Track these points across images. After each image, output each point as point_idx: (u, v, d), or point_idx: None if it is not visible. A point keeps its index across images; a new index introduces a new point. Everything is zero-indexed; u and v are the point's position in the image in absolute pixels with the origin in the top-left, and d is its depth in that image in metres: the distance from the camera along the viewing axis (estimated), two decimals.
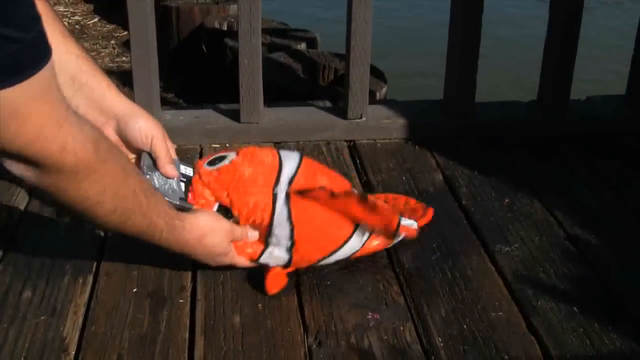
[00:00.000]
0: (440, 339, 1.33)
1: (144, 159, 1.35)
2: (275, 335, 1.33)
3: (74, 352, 1.29)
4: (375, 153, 2.03)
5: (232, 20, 3.96)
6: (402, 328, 1.36)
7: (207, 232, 1.35)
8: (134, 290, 1.44)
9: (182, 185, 1.39)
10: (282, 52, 3.36)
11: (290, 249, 1.41)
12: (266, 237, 1.40)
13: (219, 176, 1.39)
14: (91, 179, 1.09)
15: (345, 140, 2.10)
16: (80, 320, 1.36)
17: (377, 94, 2.95)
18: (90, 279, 1.48)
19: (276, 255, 1.42)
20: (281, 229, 1.39)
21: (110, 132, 1.33)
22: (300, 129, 2.11)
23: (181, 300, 1.42)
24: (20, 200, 1.74)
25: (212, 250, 1.37)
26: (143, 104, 2.00)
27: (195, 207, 1.37)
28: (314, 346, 1.31)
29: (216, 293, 1.43)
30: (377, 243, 1.51)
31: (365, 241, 1.48)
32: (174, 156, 1.40)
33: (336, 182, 1.48)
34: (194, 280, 1.47)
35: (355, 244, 1.47)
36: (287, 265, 1.44)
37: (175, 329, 1.34)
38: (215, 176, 1.39)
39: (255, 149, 1.45)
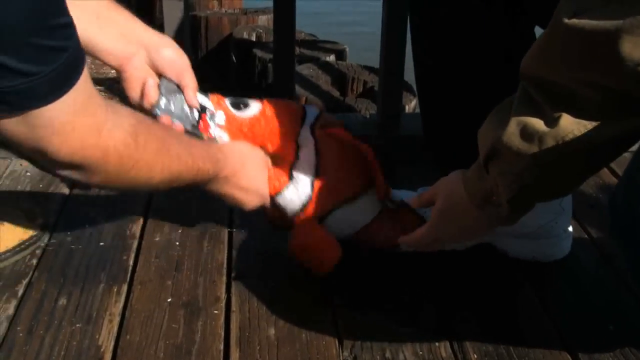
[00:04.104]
0: (475, 355, 1.32)
1: (163, 83, 1.35)
2: (310, 349, 1.33)
3: None
4: (407, 165, 2.02)
5: (261, 30, 3.97)
6: (437, 344, 1.35)
7: (248, 155, 1.40)
8: (169, 300, 1.44)
9: (196, 113, 1.39)
10: (311, 64, 3.37)
11: (312, 183, 1.43)
12: (290, 169, 1.43)
13: (251, 127, 1.41)
14: (137, 166, 1.14)
15: (377, 152, 2.09)
16: (115, 329, 1.37)
17: (407, 107, 2.95)
18: (125, 288, 1.48)
19: (299, 190, 1.43)
20: (306, 158, 1.42)
21: (140, 61, 1.33)
22: None
23: (216, 311, 1.41)
24: (55, 208, 1.75)
25: (254, 175, 1.41)
26: None
27: (205, 135, 1.39)
28: None
29: (251, 305, 1.43)
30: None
31: (375, 218, 1.49)
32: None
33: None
34: (228, 291, 1.47)
35: (367, 207, 1.48)
36: (304, 205, 1.44)
37: (210, 340, 1.34)
38: (247, 126, 1.41)
39: (279, 101, 1.47)
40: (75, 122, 1.00)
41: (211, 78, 4.07)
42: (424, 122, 1.62)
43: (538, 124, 0.99)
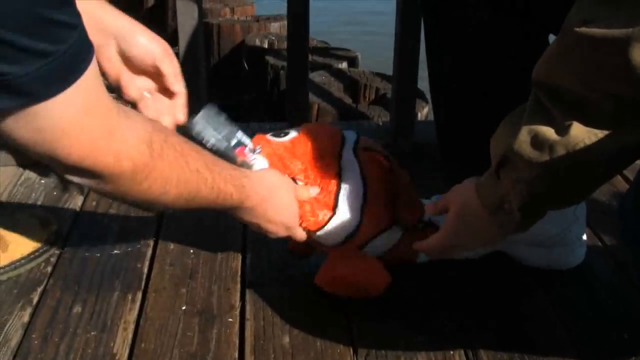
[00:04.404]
0: None
1: (205, 107, 1.33)
2: (325, 357, 1.33)
3: None
4: (421, 172, 2.02)
5: (273, 38, 3.98)
6: (451, 352, 1.35)
7: (277, 185, 1.34)
8: (183, 308, 1.45)
9: (235, 140, 1.35)
10: (323, 71, 3.37)
11: (361, 209, 1.39)
12: (335, 199, 1.38)
13: (292, 147, 1.39)
14: (151, 177, 1.07)
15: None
16: (130, 336, 1.37)
17: (419, 114, 2.95)
18: (139, 295, 1.48)
19: (346, 222, 1.39)
20: (352, 186, 1.38)
21: (112, 53, 1.25)
22: None
23: (230, 319, 1.42)
24: (69, 215, 1.75)
25: (281, 207, 1.35)
26: None
27: (239, 158, 1.34)
28: None
29: (265, 313, 1.43)
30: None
31: (401, 237, 1.47)
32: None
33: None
34: (242, 299, 1.47)
35: (398, 230, 1.46)
36: (349, 237, 1.41)
37: (225, 348, 1.35)
38: (288, 147, 1.39)
39: (316, 123, 1.45)
40: (84, 122, 0.93)
41: (223, 85, 4.09)
42: (437, 127, 1.62)
43: (549, 132, 0.99)
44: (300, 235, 1.41)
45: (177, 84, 1.30)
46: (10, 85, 0.82)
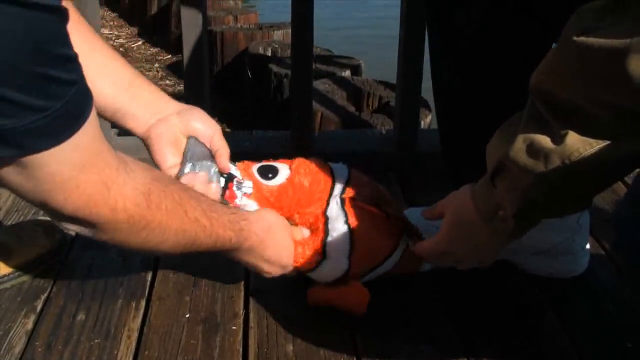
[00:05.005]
0: None
1: (190, 147, 1.34)
2: None
3: None
4: (425, 181, 2.02)
5: (276, 45, 3.99)
6: None
7: (273, 224, 1.35)
8: (187, 315, 1.45)
9: (223, 181, 1.37)
10: (327, 79, 3.37)
11: (349, 256, 1.39)
12: (322, 245, 1.38)
13: (278, 196, 1.40)
14: (149, 227, 1.09)
15: (395, 168, 2.10)
16: (134, 344, 1.37)
17: (422, 123, 2.95)
18: (143, 303, 1.48)
19: (334, 265, 1.40)
20: (339, 234, 1.38)
21: (164, 127, 1.32)
22: (353, 154, 2.10)
23: (234, 327, 1.42)
24: None
25: (279, 247, 1.36)
26: None
27: (230, 204, 1.36)
28: None
29: (269, 321, 1.43)
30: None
31: (401, 257, 1.47)
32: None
33: (381, 195, 1.50)
34: (246, 307, 1.48)
35: (395, 257, 1.46)
36: (342, 277, 1.41)
37: (228, 356, 1.35)
38: (275, 195, 1.40)
39: (307, 161, 1.46)
40: (79, 177, 0.95)
41: (227, 93, 4.09)
42: (441, 131, 1.62)
43: (545, 140, 0.99)
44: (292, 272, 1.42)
45: (226, 164, 1.38)
46: (3, 136, 0.84)
